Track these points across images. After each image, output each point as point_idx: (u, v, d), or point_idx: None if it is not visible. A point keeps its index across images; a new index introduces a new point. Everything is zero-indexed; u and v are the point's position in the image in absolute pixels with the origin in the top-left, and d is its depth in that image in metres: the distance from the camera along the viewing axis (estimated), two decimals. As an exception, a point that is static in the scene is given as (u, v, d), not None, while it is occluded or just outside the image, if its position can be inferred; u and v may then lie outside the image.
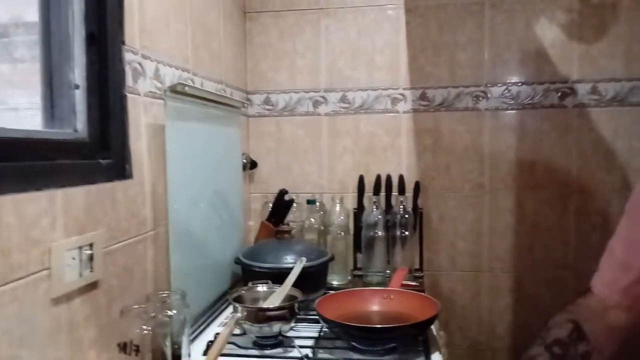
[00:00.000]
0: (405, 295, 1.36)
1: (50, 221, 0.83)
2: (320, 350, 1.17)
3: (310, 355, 1.13)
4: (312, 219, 1.79)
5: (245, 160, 1.87)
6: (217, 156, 1.57)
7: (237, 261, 1.53)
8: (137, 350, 0.89)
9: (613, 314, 0.92)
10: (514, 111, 1.89)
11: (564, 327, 0.96)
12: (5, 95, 1.02)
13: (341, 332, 1.19)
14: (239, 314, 1.16)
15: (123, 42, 1.07)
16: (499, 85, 1.89)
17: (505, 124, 1.90)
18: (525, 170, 1.90)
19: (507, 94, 1.89)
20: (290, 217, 1.79)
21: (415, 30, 1.91)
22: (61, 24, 0.98)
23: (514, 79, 1.88)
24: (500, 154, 1.90)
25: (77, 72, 1.00)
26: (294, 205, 1.80)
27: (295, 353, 1.15)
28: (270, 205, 1.80)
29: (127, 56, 1.09)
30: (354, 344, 1.17)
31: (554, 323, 0.99)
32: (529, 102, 1.88)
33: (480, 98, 1.90)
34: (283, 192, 1.77)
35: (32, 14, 1.01)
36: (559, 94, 1.87)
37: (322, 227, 1.81)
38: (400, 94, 1.93)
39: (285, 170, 2.00)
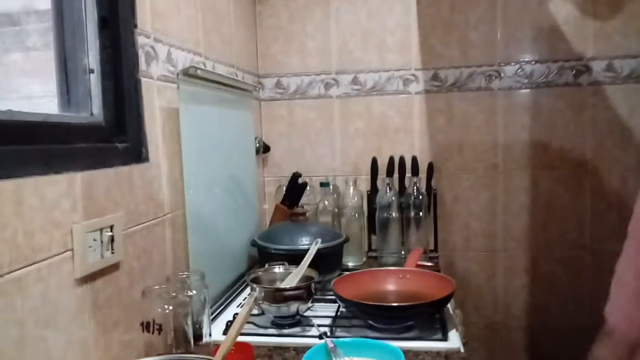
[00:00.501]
0: (420, 275, 1.37)
1: (71, 203, 0.84)
2: (338, 329, 1.18)
3: (329, 333, 1.14)
4: (325, 202, 1.80)
5: (258, 144, 1.87)
6: (231, 140, 1.57)
7: (254, 243, 1.54)
8: (160, 330, 0.91)
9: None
10: (527, 90, 1.87)
11: None
12: (19, 83, 1.03)
13: (358, 311, 1.20)
14: (257, 294, 1.17)
15: (135, 26, 1.08)
16: (512, 64, 1.87)
17: (519, 104, 1.88)
18: (539, 150, 1.88)
19: (521, 73, 1.87)
20: (304, 199, 1.80)
21: (426, 10, 1.89)
22: (73, 9, 0.98)
23: (527, 58, 1.86)
24: (514, 133, 1.89)
25: (91, 57, 1.01)
26: (308, 188, 1.81)
27: (313, 332, 1.16)
28: (284, 188, 1.81)
29: (140, 40, 1.09)
30: (371, 322, 1.18)
31: None
32: (543, 80, 1.86)
33: (493, 77, 1.88)
34: (296, 175, 1.77)
35: (43, 2, 1.01)
36: (574, 71, 1.84)
37: (336, 210, 1.82)
38: (412, 75, 1.92)
39: (298, 153, 2.00)
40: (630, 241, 0.91)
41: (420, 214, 1.74)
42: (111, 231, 0.93)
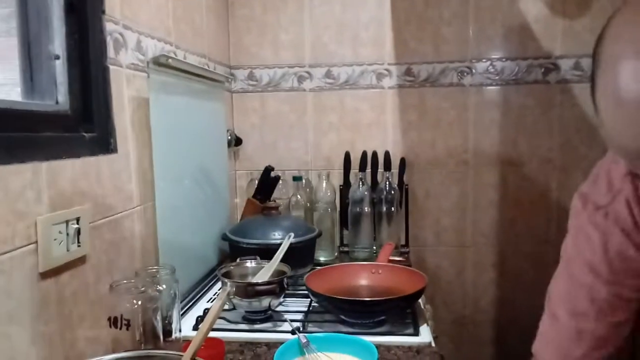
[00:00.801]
0: (392, 270, 1.37)
1: (35, 194, 0.80)
2: (310, 324, 1.17)
3: (301, 328, 1.13)
4: (298, 196, 1.79)
5: (229, 137, 1.85)
6: (202, 132, 1.54)
7: (225, 237, 1.52)
8: (128, 325, 0.88)
9: None
10: (497, 87, 1.90)
11: None
12: (-20, 71, 0.99)
13: (330, 306, 1.20)
14: (229, 288, 1.15)
15: (103, 12, 1.04)
16: (483, 60, 1.89)
17: (490, 100, 1.90)
18: (508, 146, 1.91)
19: (492, 70, 1.89)
20: (276, 193, 1.78)
21: (401, 4, 1.89)
22: (39, -9, 0.94)
23: (498, 55, 1.89)
24: (484, 129, 1.91)
25: (57, 43, 0.96)
26: (280, 181, 1.79)
27: (285, 327, 1.15)
28: (256, 182, 1.79)
29: (108, 26, 1.05)
30: (343, 317, 1.17)
31: None
32: (513, 77, 1.89)
33: (465, 74, 1.90)
34: (269, 169, 1.75)
35: (4, -14, 0.97)
36: (543, 69, 1.87)
37: (308, 204, 1.81)
38: (385, 70, 1.92)
39: (271, 146, 1.98)
40: (563, 269, 0.84)
41: (392, 209, 1.74)
42: (77, 223, 0.89)
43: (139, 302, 0.91)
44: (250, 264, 1.32)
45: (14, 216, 0.76)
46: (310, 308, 1.26)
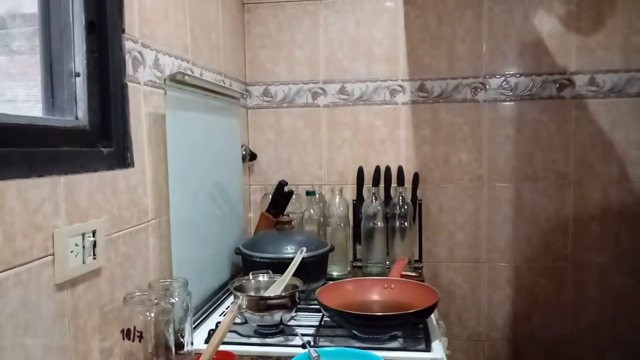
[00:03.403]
0: (405, 285, 1.37)
1: (53, 207, 0.83)
2: (322, 339, 1.18)
3: (312, 342, 1.13)
4: (311, 210, 1.80)
5: (244, 152, 1.87)
6: (217, 147, 1.57)
7: (238, 251, 1.53)
8: (141, 337, 0.90)
9: None
10: (512, 102, 1.90)
11: None
12: (3, 87, 1.02)
13: (342, 321, 1.20)
14: (241, 301, 1.16)
15: (123, 31, 1.07)
16: (497, 76, 1.89)
17: (504, 116, 1.90)
18: (523, 162, 1.91)
19: (506, 86, 1.89)
20: (289, 208, 1.79)
21: (414, 21, 1.91)
22: (61, 12, 0.98)
23: (512, 71, 1.89)
24: (498, 145, 1.91)
25: (78, 61, 1.00)
26: (294, 196, 1.81)
27: (296, 341, 1.15)
28: (270, 196, 1.81)
29: (127, 44, 1.08)
30: (354, 332, 1.17)
31: None
32: (527, 93, 1.89)
33: (479, 89, 1.90)
34: (282, 184, 1.77)
35: (29, 6, 1.00)
36: (557, 85, 1.87)
37: (321, 219, 1.82)
38: (398, 86, 1.93)
39: (285, 161, 2.00)
40: None
41: (405, 224, 1.74)
42: (94, 236, 0.92)
43: (152, 315, 0.92)
44: (262, 278, 1.33)
45: (33, 228, 0.78)
46: (322, 322, 1.26)
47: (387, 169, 1.87)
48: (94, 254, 0.92)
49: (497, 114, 1.91)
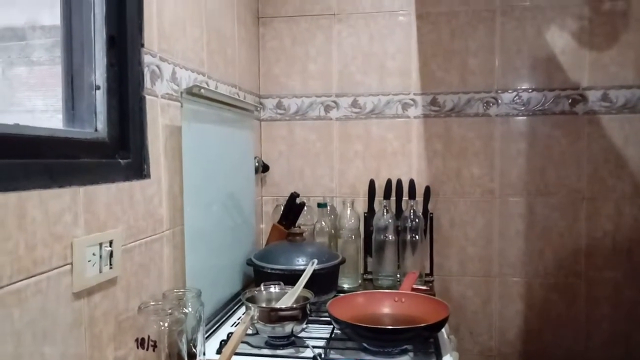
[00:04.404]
0: (416, 299, 1.37)
1: (73, 217, 0.85)
2: (332, 351, 1.18)
3: (323, 355, 1.14)
4: (323, 222, 1.81)
5: (257, 164, 1.89)
6: (231, 159, 1.59)
7: (250, 262, 1.54)
8: (155, 346, 0.91)
9: None
10: (524, 117, 1.90)
11: None
12: (22, 97, 1.05)
13: (353, 333, 1.20)
14: (253, 313, 1.17)
15: (142, 45, 1.10)
16: (509, 91, 1.90)
17: (516, 130, 1.91)
18: (535, 176, 1.90)
19: (518, 100, 1.90)
20: (301, 220, 1.80)
21: (427, 36, 1.93)
22: (83, 26, 1.01)
23: (525, 86, 1.90)
24: (510, 159, 1.91)
25: (98, 74, 1.02)
26: (305, 208, 1.82)
27: (307, 353, 1.16)
28: (282, 208, 1.82)
29: (146, 59, 1.11)
30: (365, 345, 1.18)
31: None
32: (540, 108, 1.89)
33: (491, 104, 1.91)
34: (294, 195, 1.79)
35: (48, 18, 1.03)
36: (570, 100, 1.87)
37: (332, 231, 1.82)
38: (411, 99, 1.95)
39: (297, 173, 2.02)
40: None
41: (417, 237, 1.75)
42: (110, 246, 0.93)
43: (166, 324, 0.94)
44: (274, 289, 1.34)
45: (53, 238, 0.80)
46: (333, 335, 1.27)
47: (399, 182, 1.88)
48: (111, 264, 0.94)
49: (509, 129, 1.91)
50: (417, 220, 1.75)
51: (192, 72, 1.36)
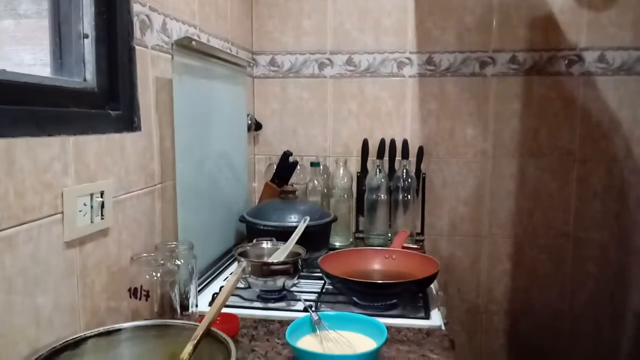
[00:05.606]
0: (406, 255, 1.39)
1: (62, 167, 0.84)
2: (323, 305, 1.20)
3: (313, 307, 1.16)
4: (315, 182, 1.81)
5: (250, 121, 1.87)
6: (223, 115, 1.57)
7: (242, 219, 1.55)
8: (147, 296, 0.92)
9: None
10: (519, 77, 1.89)
11: None
12: (10, 50, 1.02)
13: (343, 288, 1.22)
14: (244, 265, 1.18)
15: (131, -7, 1.07)
16: (505, 51, 1.88)
17: (511, 91, 1.89)
18: (528, 138, 1.90)
19: (514, 60, 1.88)
20: (293, 179, 1.80)
21: (424, -8, 1.89)
22: (69, -27, 0.97)
23: (521, 45, 1.87)
24: (504, 120, 1.91)
25: (86, 22, 1.00)
26: (298, 167, 1.81)
27: (298, 306, 1.18)
28: (275, 166, 1.81)
29: (135, 7, 1.08)
30: (355, 299, 1.19)
31: None
32: (536, 68, 1.87)
33: (487, 64, 1.89)
34: (287, 154, 1.78)
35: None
36: (566, 61, 1.86)
37: (325, 190, 1.83)
38: (406, 58, 1.92)
39: (290, 132, 2.01)
40: None
41: (409, 197, 1.75)
42: (101, 197, 0.93)
43: (158, 275, 0.95)
44: (266, 245, 1.35)
45: (42, 186, 0.79)
46: (324, 290, 1.28)
47: (392, 141, 1.87)
48: (102, 215, 0.93)
49: (504, 89, 1.90)
50: (409, 180, 1.76)
51: (183, 24, 1.33)
